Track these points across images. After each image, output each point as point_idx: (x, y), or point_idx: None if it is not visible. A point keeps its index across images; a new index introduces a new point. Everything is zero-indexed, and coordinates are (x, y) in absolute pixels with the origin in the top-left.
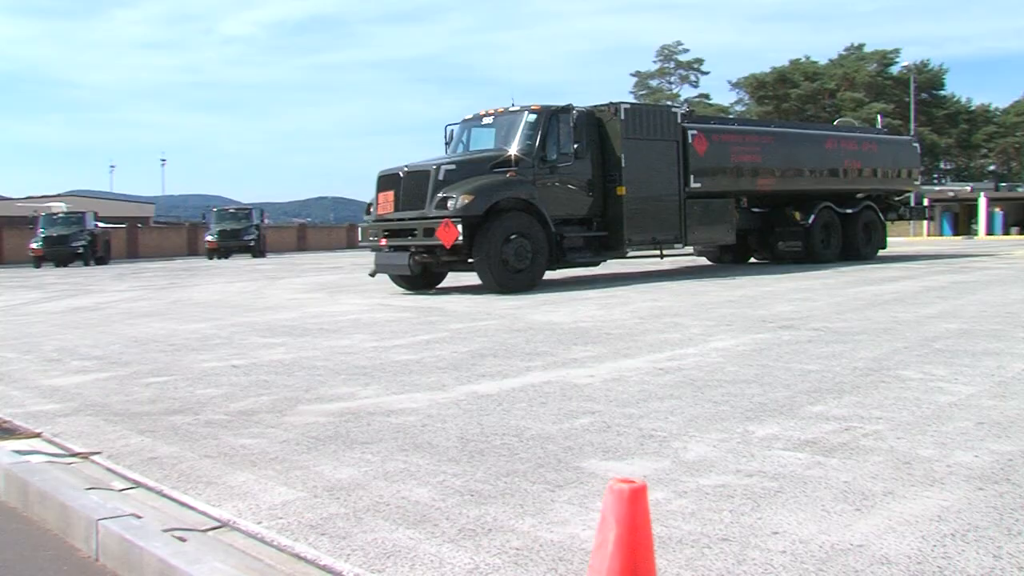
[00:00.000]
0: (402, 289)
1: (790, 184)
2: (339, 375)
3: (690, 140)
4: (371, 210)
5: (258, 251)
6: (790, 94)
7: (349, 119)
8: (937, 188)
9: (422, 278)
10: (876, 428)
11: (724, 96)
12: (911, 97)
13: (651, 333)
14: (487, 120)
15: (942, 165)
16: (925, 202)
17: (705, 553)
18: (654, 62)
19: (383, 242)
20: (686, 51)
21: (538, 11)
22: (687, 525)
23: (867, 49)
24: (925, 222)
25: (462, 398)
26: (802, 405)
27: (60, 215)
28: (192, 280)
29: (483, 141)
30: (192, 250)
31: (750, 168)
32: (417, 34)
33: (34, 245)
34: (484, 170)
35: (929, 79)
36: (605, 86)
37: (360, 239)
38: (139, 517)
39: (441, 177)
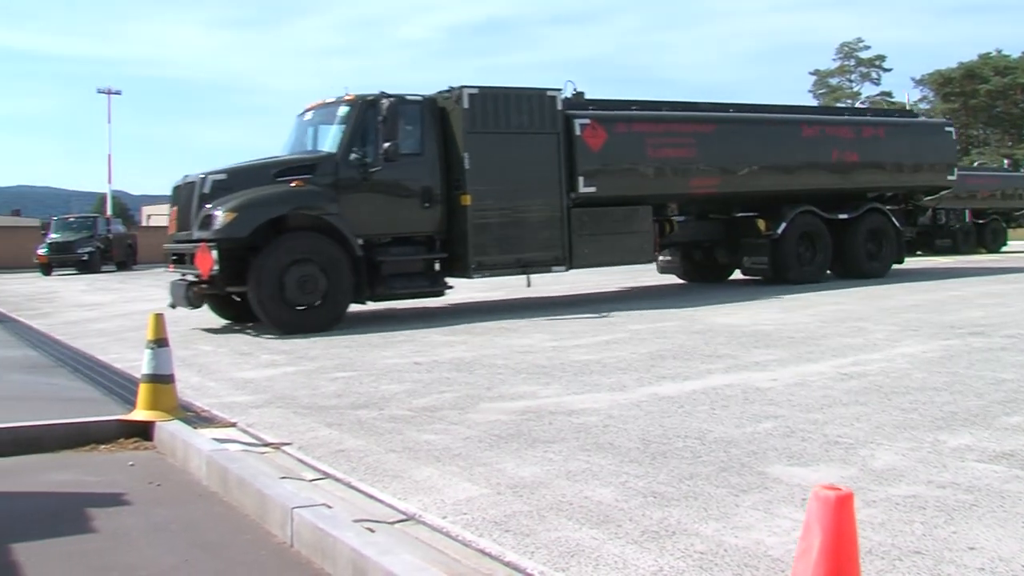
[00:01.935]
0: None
1: (746, 184)
2: (519, 374)
3: (578, 132)
4: None
5: None
6: (978, 90)
7: None
8: None
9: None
10: None
11: (908, 94)
12: None
13: (833, 337)
14: (308, 116)
15: None
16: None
17: (896, 566)
18: (834, 60)
19: (172, 267)
20: (867, 48)
21: (709, 10)
22: (877, 536)
23: None
24: None
25: (643, 399)
26: (997, 415)
27: None
28: None
29: (309, 140)
30: None
31: (678, 165)
32: (587, 35)
33: None
34: (265, 179)
35: None
36: (781, 85)
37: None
38: (330, 507)
39: (207, 190)
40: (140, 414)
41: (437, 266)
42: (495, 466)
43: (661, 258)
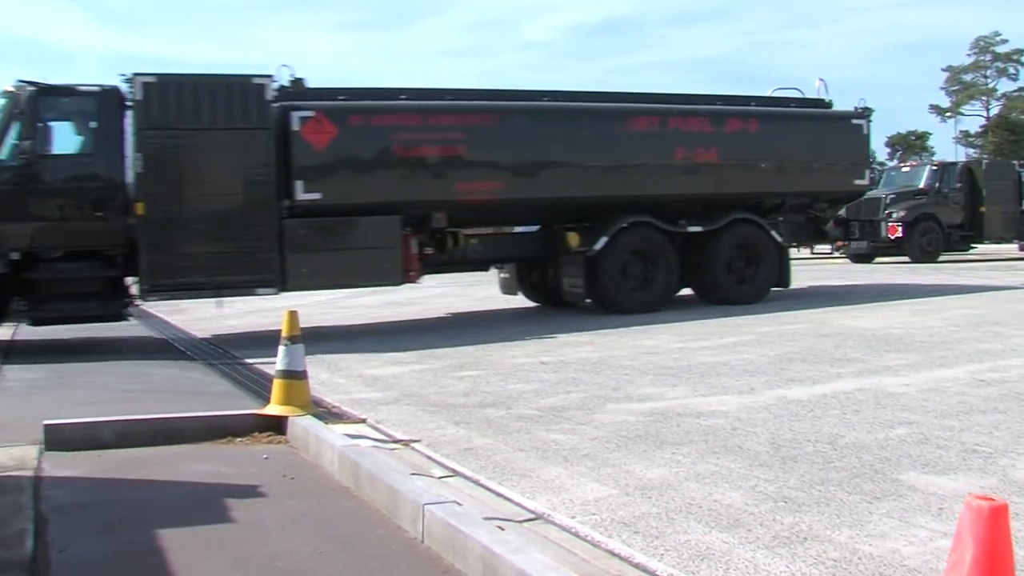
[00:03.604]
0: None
1: (546, 189)
2: (646, 375)
3: (296, 127)
4: None
5: None
6: None
7: None
8: None
9: None
10: None
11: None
12: None
13: (969, 342)
14: None
15: None
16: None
17: None
18: (968, 55)
19: None
20: (1005, 42)
21: (839, 6)
22: (1020, 550)
23: None
24: None
25: (772, 402)
26: None
27: None
28: None
29: None
30: None
31: (440, 166)
32: (710, 34)
33: None
34: None
35: None
36: (911, 82)
37: None
38: (459, 504)
39: None
40: (274, 409)
41: (135, 286)
42: (623, 467)
43: (501, 275)
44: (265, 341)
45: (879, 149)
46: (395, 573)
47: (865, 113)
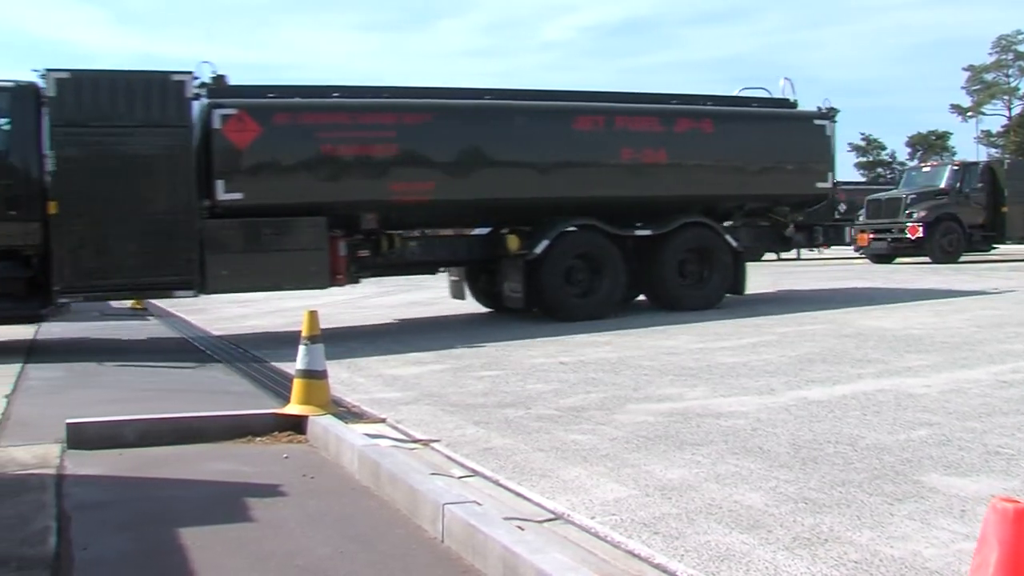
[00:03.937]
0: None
1: (483, 190)
2: (665, 375)
3: (217, 125)
4: None
5: None
6: None
7: None
8: None
9: None
10: None
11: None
12: None
13: (991, 343)
14: None
15: None
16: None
17: None
18: (990, 54)
19: None
20: None
21: (856, 6)
22: None
23: None
24: None
25: (792, 403)
26: None
27: None
28: None
29: None
30: None
31: (370, 165)
32: (729, 34)
33: None
34: None
35: None
36: (931, 81)
37: None
38: (479, 504)
39: None
40: (294, 408)
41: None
42: (643, 467)
43: (450, 279)
44: (285, 341)
45: (899, 149)
46: (415, 573)
47: (829, 113)
